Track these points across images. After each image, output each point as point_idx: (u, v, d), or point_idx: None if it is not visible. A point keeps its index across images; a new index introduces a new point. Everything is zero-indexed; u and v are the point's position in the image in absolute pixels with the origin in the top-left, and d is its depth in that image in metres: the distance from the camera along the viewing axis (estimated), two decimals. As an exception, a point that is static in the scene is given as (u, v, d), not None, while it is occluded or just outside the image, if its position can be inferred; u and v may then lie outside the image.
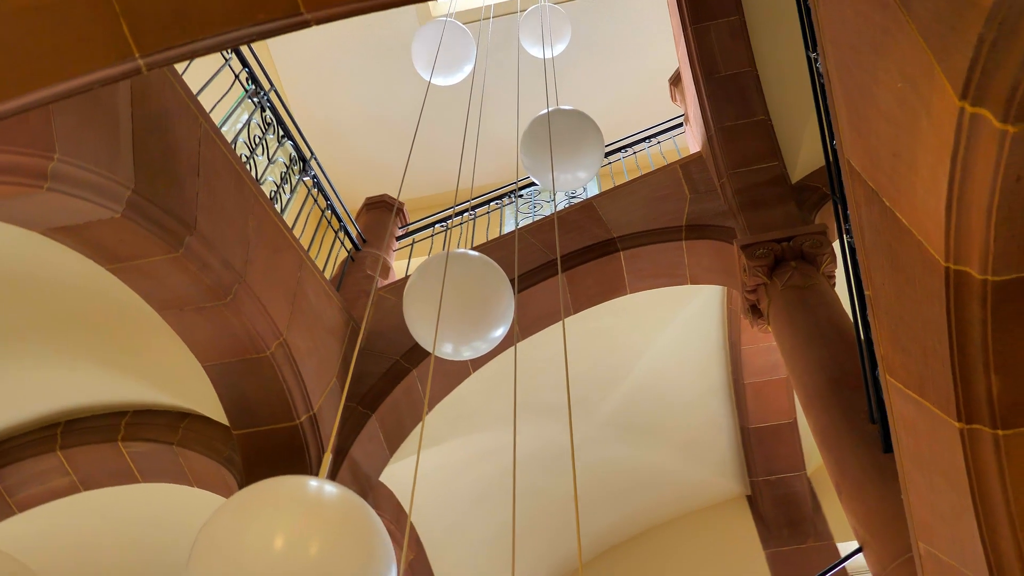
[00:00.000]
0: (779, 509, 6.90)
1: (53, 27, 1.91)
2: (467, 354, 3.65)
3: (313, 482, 1.94)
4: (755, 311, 5.03)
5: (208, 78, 4.58)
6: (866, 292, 2.48)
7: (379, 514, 4.94)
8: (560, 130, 4.58)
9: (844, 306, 4.58)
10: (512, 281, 3.86)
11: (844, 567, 5.55)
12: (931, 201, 1.87)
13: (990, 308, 1.83)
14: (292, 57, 10.01)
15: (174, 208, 3.50)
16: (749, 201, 5.37)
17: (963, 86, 1.58)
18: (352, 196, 9.28)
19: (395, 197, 7.57)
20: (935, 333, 2.00)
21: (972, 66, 1.55)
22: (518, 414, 5.95)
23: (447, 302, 3.33)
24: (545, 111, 4.65)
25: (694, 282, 5.73)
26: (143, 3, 1.93)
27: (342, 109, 10.54)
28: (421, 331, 3.56)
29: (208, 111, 4.26)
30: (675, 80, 7.50)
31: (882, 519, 3.26)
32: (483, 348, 3.60)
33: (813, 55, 3.84)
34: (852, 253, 3.54)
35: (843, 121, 2.35)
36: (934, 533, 2.32)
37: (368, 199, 7.44)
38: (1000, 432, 1.91)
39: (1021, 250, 1.76)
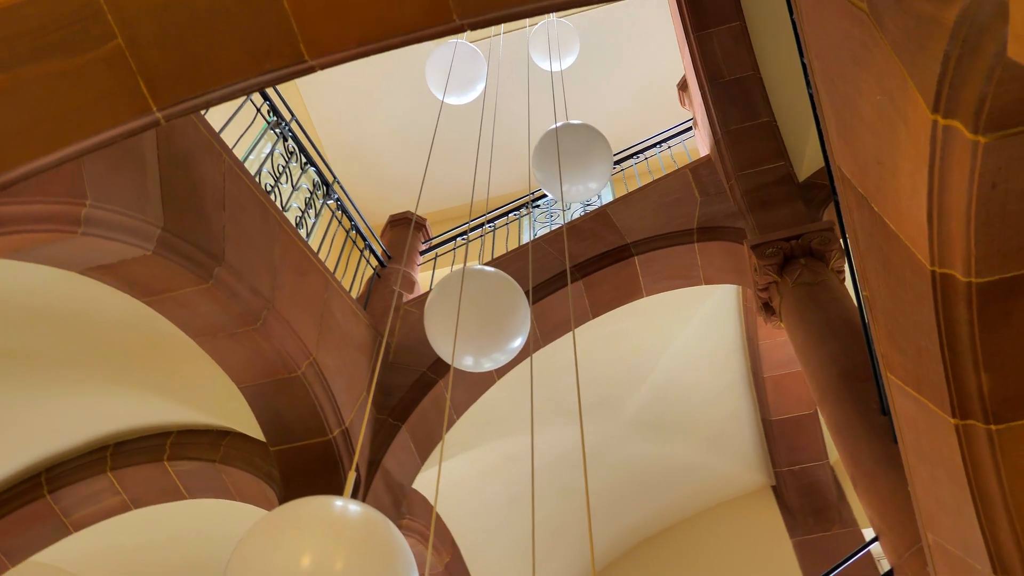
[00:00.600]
0: (804, 498, 6.87)
1: (76, 88, 1.98)
2: (488, 366, 3.69)
3: (338, 502, 2.00)
4: (768, 308, 5.03)
5: (231, 114, 4.68)
6: (863, 293, 2.50)
7: (414, 519, 5.01)
8: (569, 144, 4.61)
9: (854, 300, 4.57)
10: (527, 293, 3.90)
11: (869, 551, 5.53)
12: (913, 208, 1.88)
13: (975, 309, 1.85)
14: (316, 81, 10.11)
15: (202, 242, 3.59)
16: (757, 201, 5.36)
17: (934, 100, 1.60)
18: (380, 211, 9.34)
19: (418, 214, 7.65)
20: (926, 333, 2.01)
21: (941, 81, 1.57)
22: (546, 417, 6.00)
23: (466, 317, 3.38)
24: (554, 126, 4.70)
25: (708, 282, 5.73)
26: (158, 61, 2.00)
27: (367, 129, 10.62)
28: (442, 346, 3.61)
29: (233, 145, 4.35)
30: (683, 85, 7.50)
31: (896, 509, 3.25)
32: (503, 359, 3.64)
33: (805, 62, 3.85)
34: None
35: (831, 129, 2.37)
36: (939, 524, 2.34)
37: (392, 216, 7.51)
38: (993, 427, 1.93)
39: (1001, 253, 1.77)
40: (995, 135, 1.58)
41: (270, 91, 5.18)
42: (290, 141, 5.26)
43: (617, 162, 7.78)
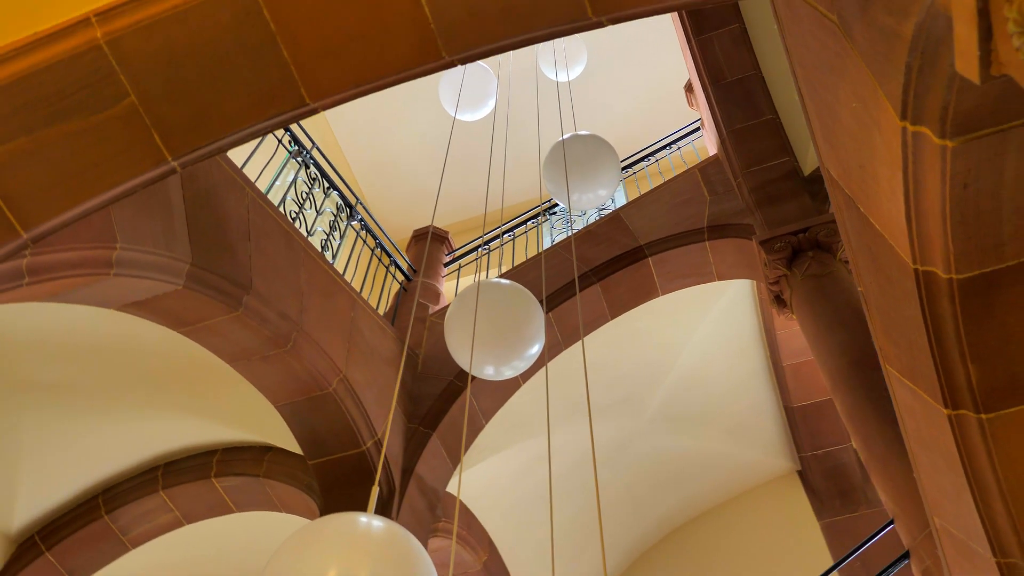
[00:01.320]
0: (829, 481, 6.81)
1: (95, 145, 2.05)
2: (508, 373, 3.72)
3: (362, 518, 2.05)
4: (779, 301, 5.01)
5: (253, 147, 4.75)
6: (859, 289, 2.50)
7: (449, 522, 5.05)
8: (577, 154, 4.64)
9: (862, 289, 4.53)
10: (542, 301, 3.93)
11: (895, 528, 5.47)
12: (893, 209, 1.89)
13: (958, 304, 1.85)
14: (338, 102, 10.16)
15: (230, 273, 3.67)
16: (765, 197, 5.34)
17: (902, 107, 1.61)
18: (407, 224, 9.36)
19: (439, 227, 7.71)
20: (916, 328, 2.01)
21: (906, 90, 1.58)
22: (572, 416, 6.02)
23: (483, 329, 3.42)
24: (561, 138, 4.72)
25: (720, 279, 5.71)
26: (169, 114, 2.06)
27: (391, 145, 10.64)
28: (463, 357, 3.65)
29: (256, 177, 4.43)
30: (689, 87, 7.48)
31: (908, 493, 3.23)
32: (522, 366, 3.68)
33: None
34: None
35: (817, 134, 2.38)
36: (943, 509, 2.33)
37: (415, 231, 7.57)
38: (984, 416, 1.92)
39: (978, 249, 1.77)
40: (961, 139, 1.59)
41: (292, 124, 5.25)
42: (312, 168, 5.33)
43: (628, 165, 7.77)
